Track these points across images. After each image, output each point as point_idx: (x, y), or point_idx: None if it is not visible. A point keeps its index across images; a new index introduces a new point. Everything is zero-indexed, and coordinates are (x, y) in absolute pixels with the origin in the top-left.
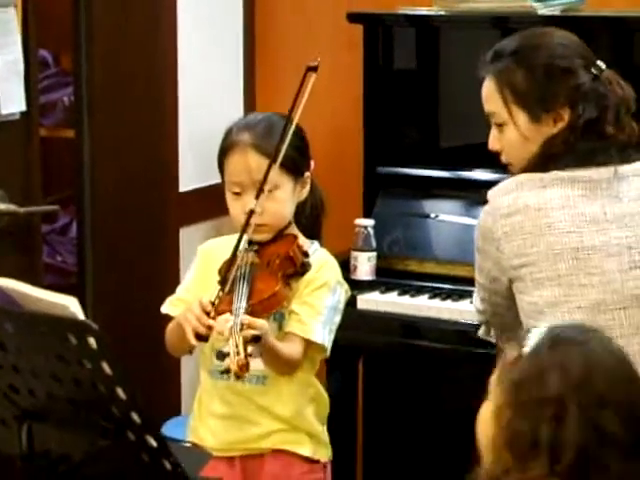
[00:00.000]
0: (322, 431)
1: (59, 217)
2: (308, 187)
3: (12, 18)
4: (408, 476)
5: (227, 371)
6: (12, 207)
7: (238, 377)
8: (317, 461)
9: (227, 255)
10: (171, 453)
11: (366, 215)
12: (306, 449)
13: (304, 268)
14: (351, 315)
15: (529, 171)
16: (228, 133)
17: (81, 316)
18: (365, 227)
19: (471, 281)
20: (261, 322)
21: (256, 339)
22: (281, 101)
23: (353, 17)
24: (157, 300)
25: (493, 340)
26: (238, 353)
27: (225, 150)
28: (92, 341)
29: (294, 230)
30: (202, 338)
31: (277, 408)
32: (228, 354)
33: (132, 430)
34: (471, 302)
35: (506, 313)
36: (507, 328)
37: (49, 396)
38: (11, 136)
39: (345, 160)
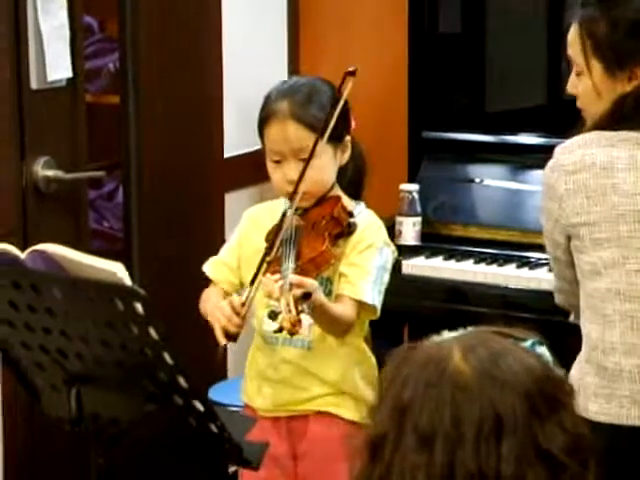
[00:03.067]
0: (367, 393)
1: (105, 183)
2: (349, 151)
3: None
4: None
5: (280, 329)
6: (59, 173)
7: (292, 334)
8: (362, 424)
9: (271, 220)
10: (218, 417)
11: (411, 180)
12: (349, 412)
13: (350, 228)
14: (396, 280)
15: (599, 128)
16: (267, 100)
17: (128, 282)
18: (410, 192)
19: (516, 246)
20: (310, 280)
21: (306, 296)
22: (325, 65)
23: None
24: (203, 265)
25: None
26: (290, 311)
27: (264, 118)
28: (139, 306)
29: (337, 192)
30: (231, 337)
31: (324, 373)
32: (280, 313)
33: (179, 394)
34: (516, 267)
35: (576, 290)
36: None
37: (97, 361)
38: (57, 103)
39: (390, 125)
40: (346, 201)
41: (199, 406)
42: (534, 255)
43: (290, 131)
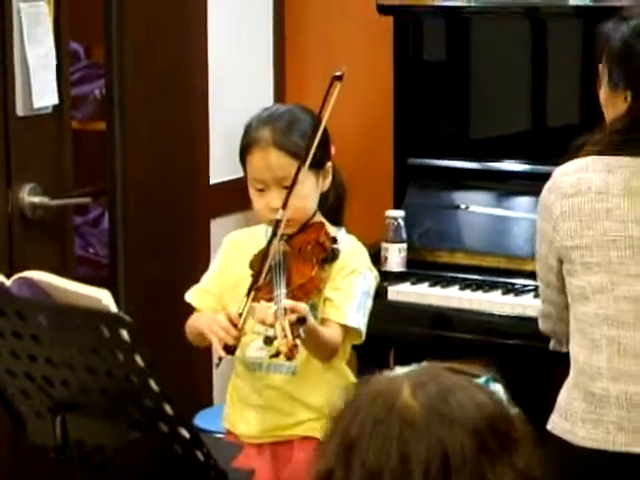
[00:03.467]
0: None
1: (91, 209)
2: (330, 177)
3: (44, 11)
4: None
5: (277, 354)
6: (45, 199)
7: (289, 359)
8: None
9: (254, 246)
10: (203, 444)
11: (396, 206)
12: None
13: (334, 253)
14: (382, 306)
15: (597, 153)
16: (248, 128)
17: (114, 308)
18: (395, 218)
19: (502, 272)
20: (303, 305)
21: (301, 321)
22: (311, 92)
23: (383, 9)
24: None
25: (565, 350)
26: (286, 336)
27: (246, 147)
28: (124, 333)
29: (320, 218)
30: (230, 350)
31: (308, 398)
32: (276, 338)
33: (164, 421)
34: (502, 293)
35: (566, 316)
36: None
37: (82, 388)
38: (44, 129)
39: (375, 152)
40: (329, 227)
41: (185, 433)
42: (520, 282)
43: (272, 159)
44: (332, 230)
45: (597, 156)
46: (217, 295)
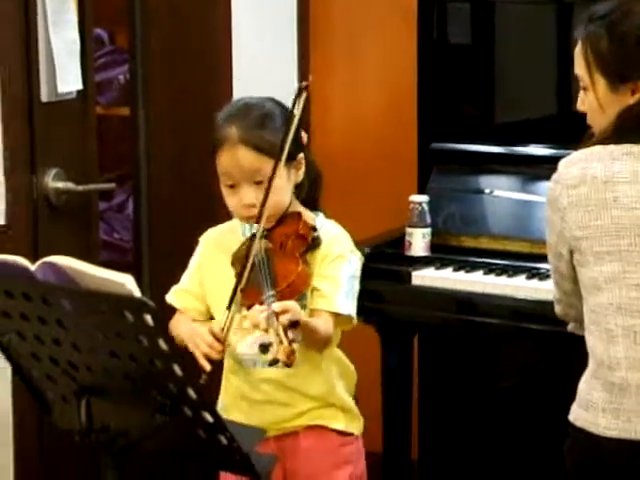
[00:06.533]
0: (352, 403)
1: (116, 194)
2: (304, 168)
3: None
4: (464, 451)
5: (275, 362)
6: (69, 185)
7: (288, 365)
8: (350, 434)
9: (232, 240)
10: (227, 428)
11: (420, 191)
12: (339, 423)
13: (315, 242)
14: (406, 291)
15: (602, 142)
16: (215, 125)
17: (137, 293)
18: (420, 203)
19: (526, 256)
20: (292, 304)
21: (294, 324)
22: (335, 72)
23: None
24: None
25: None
26: (281, 342)
27: (215, 144)
28: (148, 318)
29: (297, 207)
30: (214, 363)
31: (308, 388)
32: (271, 344)
33: (188, 406)
34: (526, 278)
35: (577, 303)
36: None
37: (107, 372)
38: (68, 115)
39: (399, 136)
40: (307, 215)
41: (208, 417)
42: (544, 266)
43: (241, 156)
44: (310, 218)
45: (601, 145)
46: (199, 295)
